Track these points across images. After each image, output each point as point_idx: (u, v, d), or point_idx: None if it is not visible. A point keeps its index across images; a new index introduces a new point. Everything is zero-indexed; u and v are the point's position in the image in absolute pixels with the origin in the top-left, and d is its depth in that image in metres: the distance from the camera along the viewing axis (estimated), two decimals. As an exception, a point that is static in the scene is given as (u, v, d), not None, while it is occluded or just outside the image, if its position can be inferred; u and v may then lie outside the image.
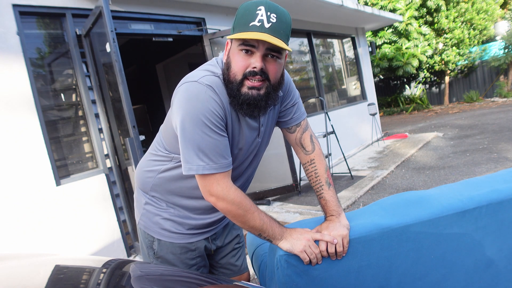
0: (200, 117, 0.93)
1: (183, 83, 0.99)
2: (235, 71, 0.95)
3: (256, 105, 0.98)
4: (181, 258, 1.18)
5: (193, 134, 0.94)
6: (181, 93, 0.97)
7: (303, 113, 1.22)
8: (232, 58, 0.97)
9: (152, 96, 6.96)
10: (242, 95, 0.96)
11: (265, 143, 1.20)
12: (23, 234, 2.51)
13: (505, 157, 4.48)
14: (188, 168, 0.97)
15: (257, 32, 0.89)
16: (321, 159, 1.19)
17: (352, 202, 3.83)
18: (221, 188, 0.97)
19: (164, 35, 3.67)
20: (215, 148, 0.96)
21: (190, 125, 0.93)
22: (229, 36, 0.95)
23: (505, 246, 1.09)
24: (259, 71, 0.93)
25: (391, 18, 7.43)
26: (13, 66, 2.57)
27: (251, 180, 1.26)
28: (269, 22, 0.89)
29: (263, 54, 0.93)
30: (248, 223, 0.99)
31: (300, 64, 6.08)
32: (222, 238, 1.31)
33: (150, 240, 1.19)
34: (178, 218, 1.17)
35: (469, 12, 11.82)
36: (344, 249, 1.00)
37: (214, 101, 0.95)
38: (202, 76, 0.98)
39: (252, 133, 1.10)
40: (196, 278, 0.90)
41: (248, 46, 0.92)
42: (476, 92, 12.17)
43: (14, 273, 0.86)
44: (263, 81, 0.96)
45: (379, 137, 7.44)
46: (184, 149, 0.97)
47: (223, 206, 0.98)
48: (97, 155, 3.07)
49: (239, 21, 0.92)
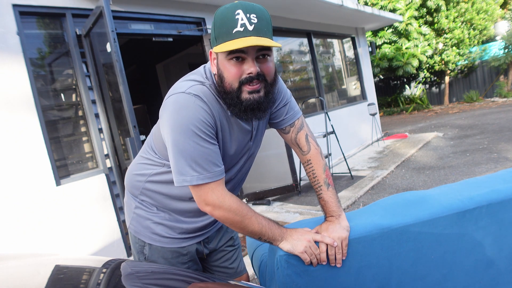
0: (191, 127, 0.92)
1: (170, 95, 0.98)
2: (230, 81, 0.93)
3: (260, 108, 0.97)
4: (173, 263, 1.17)
5: (185, 145, 0.93)
6: (169, 105, 0.96)
7: (296, 112, 1.19)
8: (223, 69, 0.94)
9: (152, 96, 6.96)
10: (244, 101, 0.94)
11: (257, 146, 1.19)
12: (23, 234, 2.51)
13: (505, 157, 4.48)
14: (181, 180, 0.95)
15: (243, 37, 0.86)
16: (318, 159, 1.17)
17: (352, 202, 3.83)
18: (216, 197, 0.96)
19: (164, 35, 3.67)
20: (207, 157, 0.95)
21: (180, 136, 0.92)
22: (215, 49, 0.91)
23: (505, 246, 1.09)
24: (255, 75, 0.92)
25: (391, 18, 7.43)
26: (13, 66, 2.57)
27: (242, 184, 1.25)
28: (251, 24, 0.87)
29: (254, 57, 0.91)
30: (246, 228, 0.98)
31: (300, 64, 6.08)
32: (216, 241, 1.29)
33: (141, 245, 1.18)
34: (169, 222, 1.15)
35: (469, 12, 11.82)
36: (343, 252, 1.00)
37: (203, 110, 0.94)
38: (189, 87, 0.97)
39: (245, 137, 1.09)
40: (190, 277, 0.90)
41: (238, 53, 0.90)
42: (476, 92, 12.17)
43: (14, 273, 0.86)
44: (260, 82, 0.95)
45: (379, 137, 7.44)
46: (176, 161, 0.95)
47: (220, 215, 0.97)
48: (97, 155, 3.07)
49: (220, 31, 0.89)
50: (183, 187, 1.06)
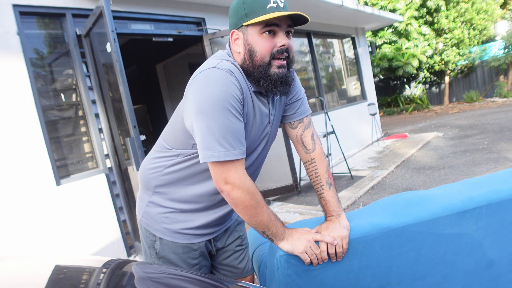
0: (223, 102, 0.92)
1: (201, 71, 0.98)
2: (263, 54, 0.98)
3: (287, 81, 1.03)
4: (183, 258, 1.17)
5: (216, 120, 0.92)
6: (199, 80, 0.96)
7: (307, 109, 1.22)
8: (254, 43, 0.99)
9: (152, 96, 6.96)
10: (274, 75, 0.99)
11: (274, 134, 1.19)
12: (23, 234, 2.51)
13: (505, 157, 4.48)
14: (209, 155, 0.93)
15: (278, 12, 0.94)
16: (322, 158, 1.18)
17: (352, 202, 3.83)
18: (238, 176, 0.95)
19: (164, 35, 3.67)
20: (236, 133, 0.94)
21: (213, 110, 0.92)
22: (251, 21, 0.96)
23: (506, 246, 1.09)
24: (286, 47, 0.99)
25: (391, 18, 7.43)
26: (13, 66, 2.57)
27: (257, 174, 1.24)
28: (282, 2, 0.97)
29: (285, 31, 0.99)
30: (256, 216, 0.97)
31: (300, 64, 6.07)
32: (224, 240, 1.29)
33: (152, 239, 1.18)
34: (181, 216, 1.15)
35: (469, 12, 11.82)
36: (344, 250, 1.00)
37: (234, 86, 0.95)
38: (219, 62, 0.99)
39: (263, 120, 1.10)
40: (198, 280, 0.90)
41: (272, 26, 0.97)
42: (476, 92, 12.17)
43: (14, 273, 0.86)
44: (287, 57, 1.01)
45: (379, 137, 7.44)
46: (204, 136, 0.93)
47: (237, 195, 0.95)
48: (97, 155, 3.07)
49: (252, 6, 0.96)
50: (200, 171, 1.08)
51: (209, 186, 1.11)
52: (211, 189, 1.11)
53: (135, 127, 2.56)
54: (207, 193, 1.13)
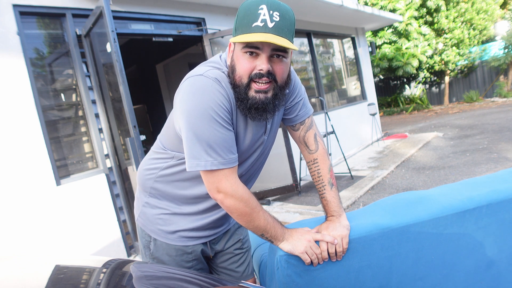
0: (208, 111, 0.90)
1: (187, 78, 0.96)
2: (241, 74, 0.93)
3: (265, 109, 0.95)
4: (177, 260, 1.16)
5: (201, 129, 0.91)
6: (186, 88, 0.94)
7: (309, 110, 1.19)
8: (236, 61, 0.94)
9: (152, 96, 6.96)
10: (250, 98, 0.93)
11: (271, 141, 1.18)
12: (23, 234, 2.51)
13: (505, 157, 4.48)
14: (195, 164, 0.93)
15: (260, 33, 0.86)
16: (324, 159, 1.18)
17: (352, 202, 3.83)
18: (229, 184, 0.94)
19: (164, 35, 3.67)
20: (223, 142, 0.93)
21: (197, 119, 0.90)
22: (232, 39, 0.91)
23: (506, 246, 1.09)
24: (265, 73, 0.91)
25: (391, 18, 7.43)
26: (13, 66, 2.57)
27: (253, 181, 1.23)
28: (272, 21, 0.86)
29: (269, 55, 0.90)
30: (253, 222, 0.97)
31: (300, 64, 6.07)
32: (223, 243, 1.28)
33: (147, 240, 1.18)
34: (175, 218, 1.15)
35: (469, 12, 11.82)
36: (344, 249, 1.00)
37: (221, 95, 0.92)
38: (207, 70, 0.96)
39: (259, 130, 1.07)
40: (195, 278, 0.90)
41: (253, 48, 0.89)
42: (476, 92, 12.17)
43: (14, 273, 0.86)
44: (269, 82, 0.93)
45: (379, 137, 7.44)
46: (191, 145, 0.93)
47: (231, 203, 0.95)
48: (97, 155, 3.07)
49: (241, 22, 0.89)
50: (194, 175, 1.05)
51: (203, 190, 1.09)
52: (205, 193, 1.10)
53: (135, 127, 2.56)
54: (201, 196, 1.12)
